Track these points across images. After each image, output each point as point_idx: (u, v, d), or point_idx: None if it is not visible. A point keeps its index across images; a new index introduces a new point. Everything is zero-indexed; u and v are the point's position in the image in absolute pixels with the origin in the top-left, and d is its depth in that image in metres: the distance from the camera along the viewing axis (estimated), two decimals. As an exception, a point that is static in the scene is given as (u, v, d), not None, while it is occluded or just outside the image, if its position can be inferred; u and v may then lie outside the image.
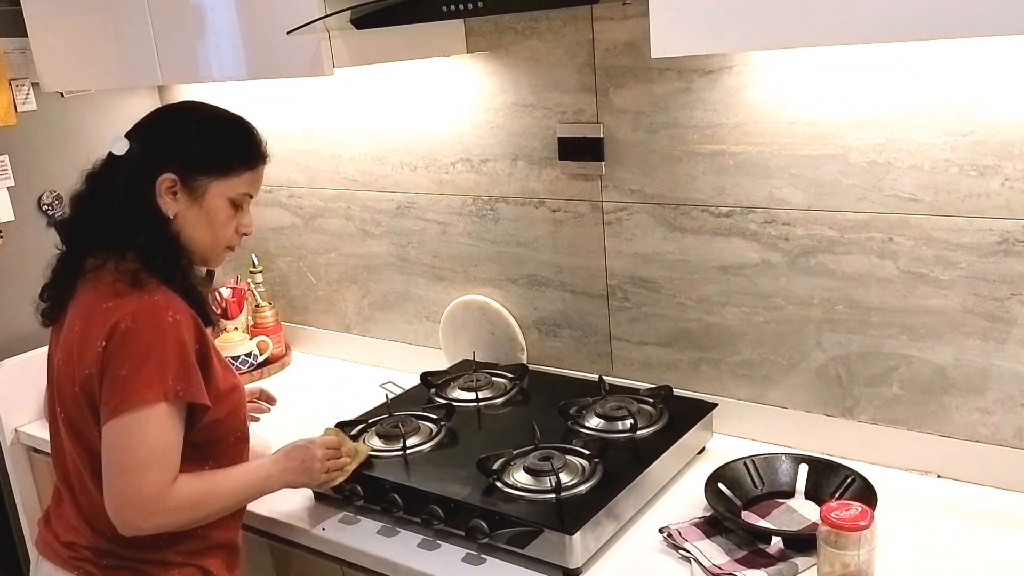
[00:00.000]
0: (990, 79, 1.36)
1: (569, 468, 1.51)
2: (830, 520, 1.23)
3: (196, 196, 1.40)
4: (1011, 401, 1.47)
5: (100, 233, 1.38)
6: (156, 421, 1.28)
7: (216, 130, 1.44)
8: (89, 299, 1.35)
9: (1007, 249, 1.41)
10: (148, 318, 1.30)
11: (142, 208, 1.37)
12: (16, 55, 2.13)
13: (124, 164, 1.40)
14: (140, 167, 1.38)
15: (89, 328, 1.32)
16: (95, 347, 1.29)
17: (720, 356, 1.74)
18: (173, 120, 1.47)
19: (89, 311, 1.34)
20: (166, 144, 1.40)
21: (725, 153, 1.63)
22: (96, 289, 1.35)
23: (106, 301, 1.32)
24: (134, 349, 1.28)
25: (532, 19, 1.79)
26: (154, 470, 1.28)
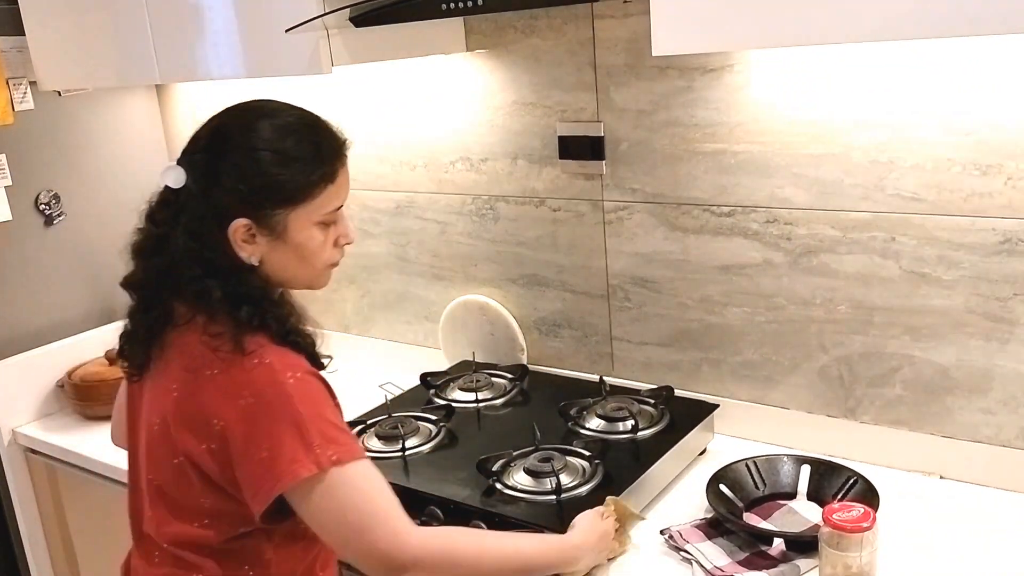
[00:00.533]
0: (993, 78, 1.35)
1: (569, 469, 1.50)
2: (832, 521, 1.23)
3: (277, 232, 1.19)
4: (1014, 401, 1.46)
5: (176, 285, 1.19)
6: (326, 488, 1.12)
7: (284, 151, 1.19)
8: (187, 361, 1.19)
9: (1010, 249, 1.40)
10: (268, 387, 1.14)
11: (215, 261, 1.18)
12: (13, 54, 2.12)
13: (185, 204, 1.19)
14: (203, 213, 1.18)
15: (193, 397, 1.17)
16: (210, 423, 1.15)
17: (721, 356, 1.74)
18: (236, 142, 1.19)
19: (191, 375, 1.18)
20: (229, 183, 1.17)
21: (726, 152, 1.62)
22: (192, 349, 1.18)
23: (210, 367, 1.16)
24: (266, 426, 1.12)
25: (532, 17, 1.78)
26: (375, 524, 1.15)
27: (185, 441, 1.17)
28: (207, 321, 1.18)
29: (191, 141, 1.23)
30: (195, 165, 1.20)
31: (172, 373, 1.20)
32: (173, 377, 1.20)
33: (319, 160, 1.21)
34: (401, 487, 1.51)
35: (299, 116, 1.24)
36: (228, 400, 1.14)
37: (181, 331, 1.20)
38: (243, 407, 1.13)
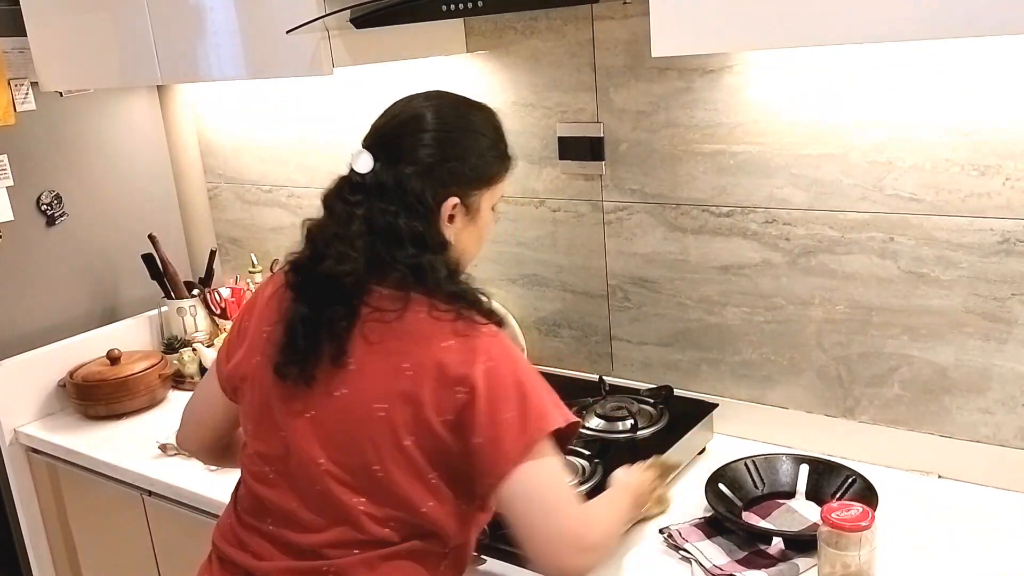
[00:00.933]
0: (992, 79, 1.36)
1: (569, 468, 1.50)
2: (831, 520, 1.23)
3: (472, 213, 1.26)
4: (1012, 401, 1.47)
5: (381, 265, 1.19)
6: (551, 453, 1.16)
7: (483, 135, 1.26)
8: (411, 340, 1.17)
9: (1008, 249, 1.41)
10: (504, 353, 1.17)
11: (431, 237, 1.21)
12: (15, 54, 2.12)
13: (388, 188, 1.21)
14: (416, 192, 1.20)
15: (428, 374, 1.15)
16: (449, 393, 1.15)
17: (720, 356, 1.74)
18: (435, 128, 1.24)
19: (420, 354, 1.16)
20: (442, 163, 1.22)
21: (726, 153, 1.62)
22: (417, 330, 1.18)
23: (444, 340, 1.16)
24: (508, 390, 1.15)
25: (532, 18, 1.78)
26: (570, 503, 1.18)
27: (428, 419, 1.15)
28: (430, 299, 1.18)
29: (382, 127, 1.28)
30: (399, 148, 1.23)
31: (400, 354, 1.17)
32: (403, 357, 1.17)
33: (507, 148, 1.30)
34: (401, 486, 1.52)
35: (489, 108, 1.32)
36: (469, 367, 1.14)
37: (401, 314, 1.18)
38: (484, 371, 1.14)
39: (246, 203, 2.43)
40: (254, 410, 1.27)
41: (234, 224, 2.49)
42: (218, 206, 2.51)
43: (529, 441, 1.13)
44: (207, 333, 2.35)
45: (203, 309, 2.37)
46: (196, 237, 2.57)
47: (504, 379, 1.15)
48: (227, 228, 2.51)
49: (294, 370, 1.21)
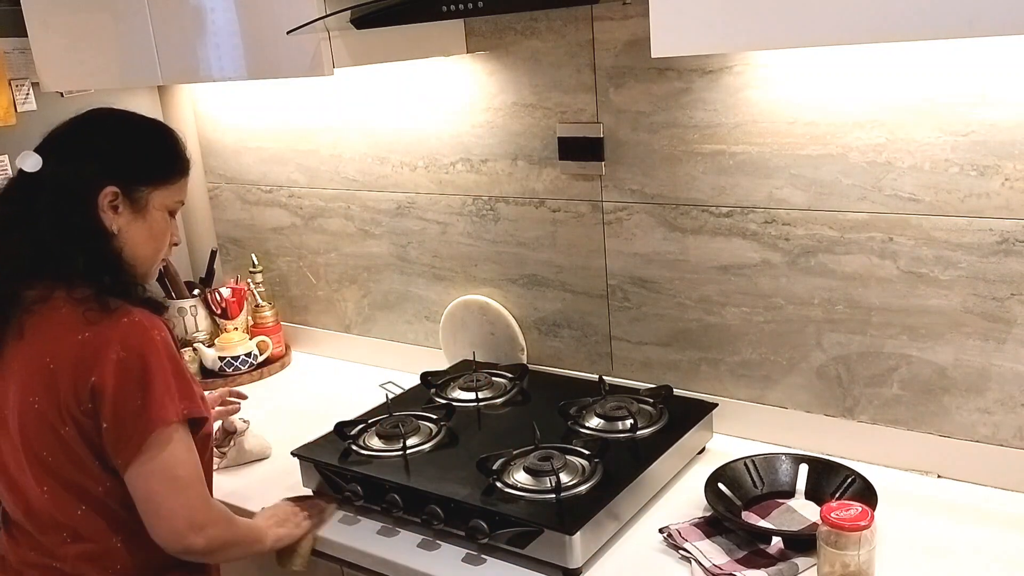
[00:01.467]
0: (990, 79, 1.36)
1: (569, 468, 1.51)
2: (830, 520, 1.23)
3: (139, 208, 1.34)
4: (1011, 401, 1.47)
5: (34, 261, 1.29)
6: (179, 439, 1.28)
7: (151, 137, 1.39)
8: (51, 333, 1.27)
9: (1007, 249, 1.41)
10: (137, 341, 1.26)
11: (80, 227, 1.29)
12: (16, 55, 2.13)
13: (47, 182, 1.30)
14: (72, 183, 1.30)
15: (65, 364, 1.25)
16: (84, 381, 1.24)
17: (720, 356, 1.74)
18: (102, 129, 1.37)
19: (56, 346, 1.26)
20: (101, 155, 1.32)
21: (725, 153, 1.63)
22: (57, 322, 1.27)
23: (79, 332, 1.25)
24: (136, 377, 1.25)
25: (532, 19, 1.79)
26: (195, 486, 1.30)
27: (69, 408, 1.26)
28: (67, 290, 1.27)
29: (51, 135, 1.36)
30: (61, 151, 1.33)
31: (37, 350, 1.27)
32: (41, 353, 1.27)
33: (179, 156, 1.40)
34: (402, 486, 1.53)
35: (158, 122, 1.45)
36: (98, 356, 1.24)
37: (36, 313, 1.28)
38: (115, 359, 1.24)
39: (246, 203, 2.44)
40: None
41: (234, 224, 2.49)
42: (218, 206, 2.51)
43: (149, 429, 1.25)
44: (208, 333, 2.36)
45: (204, 309, 2.38)
46: (196, 237, 2.57)
47: (131, 371, 1.24)
48: (227, 228, 2.52)
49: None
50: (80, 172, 1.31)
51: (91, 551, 1.32)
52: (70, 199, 1.30)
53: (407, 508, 1.51)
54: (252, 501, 1.67)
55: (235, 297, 2.36)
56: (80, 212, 1.30)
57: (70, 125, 1.37)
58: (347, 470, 1.59)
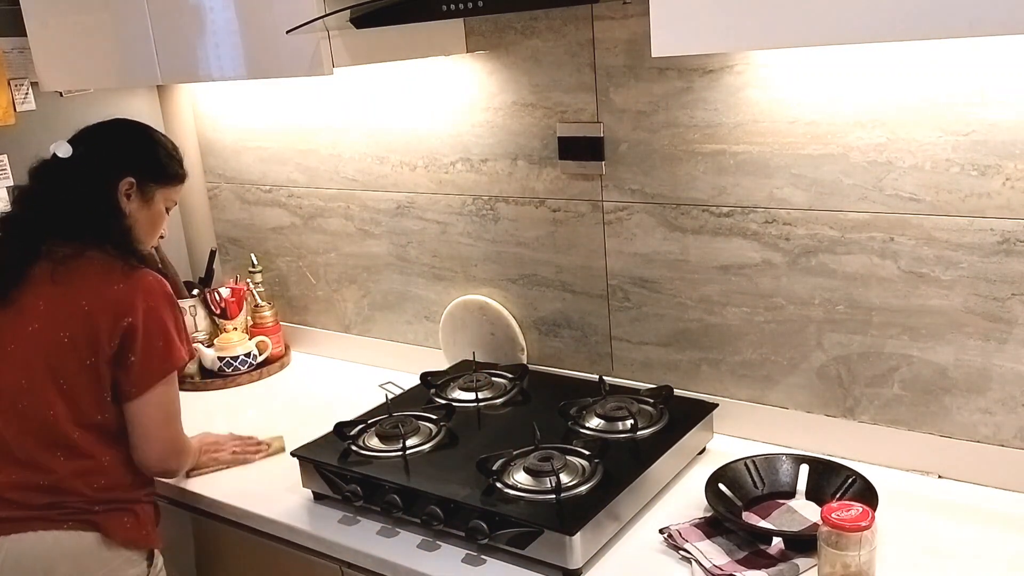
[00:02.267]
0: (991, 79, 1.36)
1: (569, 468, 1.50)
2: (831, 520, 1.23)
3: (146, 200, 1.65)
4: (1012, 401, 1.47)
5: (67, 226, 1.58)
6: (175, 379, 1.62)
7: (162, 147, 1.70)
8: (87, 282, 1.54)
9: (1008, 249, 1.41)
10: (160, 296, 1.58)
11: (106, 204, 1.60)
12: (15, 54, 2.13)
13: (77, 167, 1.61)
14: (102, 170, 1.61)
15: (103, 306, 1.53)
16: (119, 322, 1.52)
17: (720, 356, 1.74)
18: (127, 134, 1.70)
19: (94, 292, 1.53)
20: (126, 153, 1.65)
21: (726, 153, 1.62)
22: (90, 273, 1.55)
23: (115, 283, 1.54)
24: (160, 324, 1.56)
25: (532, 18, 1.79)
26: (179, 419, 1.64)
27: (101, 345, 1.53)
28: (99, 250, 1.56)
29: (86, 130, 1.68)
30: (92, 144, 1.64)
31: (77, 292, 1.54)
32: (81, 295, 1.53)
33: (181, 165, 1.73)
34: (401, 486, 1.52)
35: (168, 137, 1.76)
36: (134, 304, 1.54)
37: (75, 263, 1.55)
38: (145, 309, 1.54)
39: (246, 203, 2.44)
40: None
41: (234, 224, 2.49)
42: (218, 206, 2.51)
43: (168, 368, 1.58)
44: (207, 333, 2.35)
45: (203, 309, 2.37)
46: (196, 237, 2.57)
47: (156, 318, 1.56)
48: (227, 228, 2.52)
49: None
50: (107, 161, 1.63)
51: (81, 467, 1.55)
52: (98, 180, 1.61)
53: (407, 508, 1.51)
54: (252, 500, 1.67)
55: (234, 297, 2.36)
56: (104, 192, 1.60)
57: (99, 125, 1.69)
58: (347, 470, 1.59)
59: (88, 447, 1.56)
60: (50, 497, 1.53)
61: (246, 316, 2.39)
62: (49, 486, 1.53)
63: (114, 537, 1.56)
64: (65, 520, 1.53)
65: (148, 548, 1.63)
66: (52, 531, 1.52)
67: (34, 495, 1.53)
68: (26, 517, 1.52)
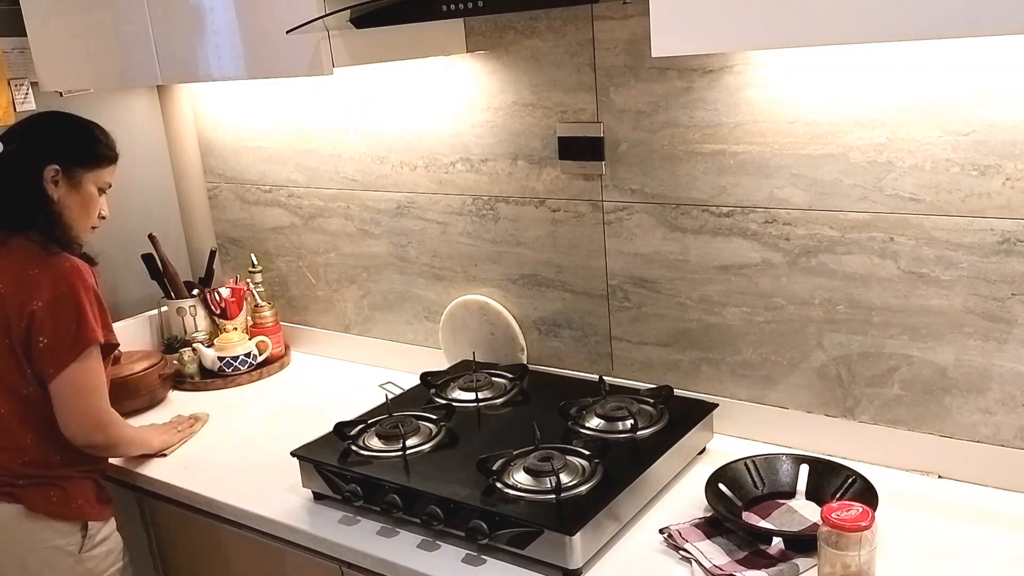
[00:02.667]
0: (991, 79, 1.36)
1: (569, 468, 1.51)
2: (831, 520, 1.23)
3: (74, 184, 1.73)
4: (1012, 401, 1.47)
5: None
6: (95, 358, 1.68)
7: (86, 132, 1.78)
8: (5, 265, 1.66)
9: (1008, 249, 1.41)
10: (74, 280, 1.65)
11: (34, 193, 1.70)
12: (15, 54, 2.13)
13: (6, 160, 1.72)
14: (27, 161, 1.70)
15: (18, 289, 1.63)
16: (30, 306, 1.62)
17: (721, 356, 1.74)
18: (51, 124, 1.78)
19: (12, 275, 1.65)
20: (48, 143, 1.73)
21: (726, 153, 1.62)
22: (11, 259, 1.66)
23: (31, 268, 1.64)
24: (71, 306, 1.64)
25: (532, 18, 1.79)
26: (100, 395, 1.71)
27: (18, 326, 1.63)
28: (24, 236, 1.67)
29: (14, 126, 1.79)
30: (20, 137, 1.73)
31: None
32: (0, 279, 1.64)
33: (109, 147, 1.80)
34: (401, 486, 1.52)
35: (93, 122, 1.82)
36: (44, 287, 1.63)
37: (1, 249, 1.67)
38: (58, 291, 1.63)
39: (246, 203, 2.44)
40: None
41: (234, 224, 2.49)
42: (218, 206, 2.51)
43: (79, 347, 1.64)
44: (207, 333, 2.35)
45: (203, 309, 2.37)
46: (196, 237, 2.57)
47: (66, 301, 1.64)
48: (227, 228, 2.52)
49: None
50: (32, 151, 1.71)
51: (5, 442, 1.66)
52: (23, 171, 1.70)
53: (407, 508, 1.51)
54: (252, 500, 1.67)
55: (234, 297, 2.36)
56: (30, 181, 1.70)
57: (27, 120, 1.79)
58: (347, 470, 1.59)
59: (12, 425, 1.67)
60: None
61: (246, 316, 2.39)
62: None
63: (36, 509, 1.65)
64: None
65: (80, 520, 1.69)
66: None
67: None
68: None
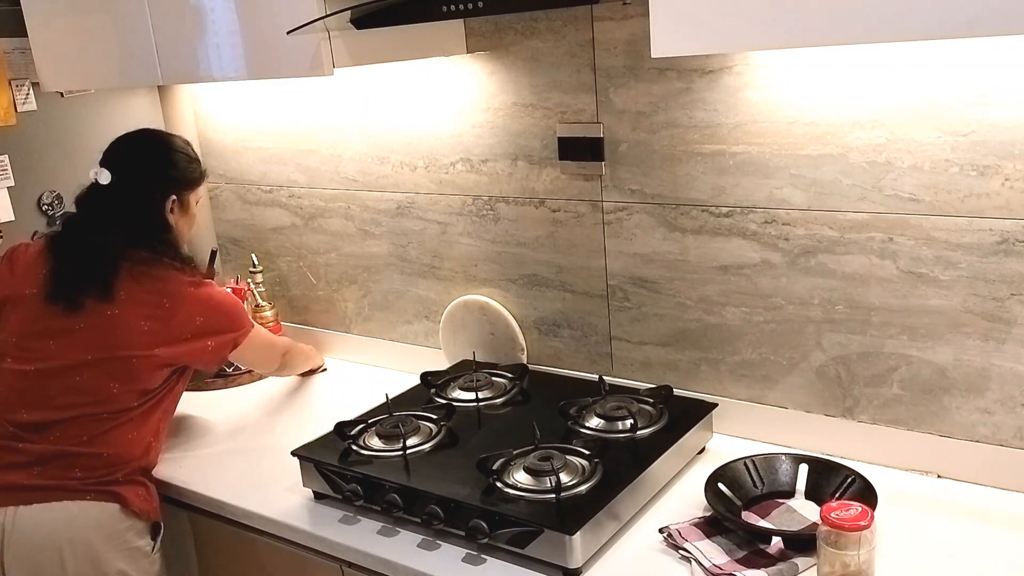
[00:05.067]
0: (990, 79, 1.36)
1: (569, 468, 1.51)
2: (830, 520, 1.23)
3: (184, 207, 1.87)
4: (1011, 401, 1.47)
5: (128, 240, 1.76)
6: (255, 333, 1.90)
7: (185, 154, 1.89)
8: (165, 284, 1.76)
9: (1007, 249, 1.41)
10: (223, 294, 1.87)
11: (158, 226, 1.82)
12: (16, 55, 2.13)
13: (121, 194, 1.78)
14: (145, 194, 1.81)
15: (182, 306, 1.76)
16: (192, 320, 1.76)
17: (720, 356, 1.74)
18: (158, 151, 1.86)
19: (173, 294, 1.76)
20: (162, 174, 1.84)
21: (725, 153, 1.63)
22: (168, 278, 1.77)
23: (188, 287, 1.78)
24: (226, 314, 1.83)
25: (532, 19, 1.79)
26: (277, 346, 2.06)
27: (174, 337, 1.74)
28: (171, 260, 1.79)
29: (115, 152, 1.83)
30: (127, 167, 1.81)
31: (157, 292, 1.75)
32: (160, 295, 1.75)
33: (200, 166, 1.93)
34: (402, 486, 1.53)
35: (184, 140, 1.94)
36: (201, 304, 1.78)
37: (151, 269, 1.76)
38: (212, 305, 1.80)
39: (246, 203, 2.44)
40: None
41: (234, 224, 2.49)
42: (218, 206, 2.51)
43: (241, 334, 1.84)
44: (207, 333, 2.35)
45: (204, 309, 2.37)
46: (197, 237, 2.57)
47: (222, 309, 1.82)
48: (227, 228, 2.52)
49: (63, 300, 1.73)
50: (148, 185, 1.82)
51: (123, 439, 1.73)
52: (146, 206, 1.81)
53: (407, 508, 1.51)
54: (252, 500, 1.67)
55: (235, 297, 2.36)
56: (152, 216, 1.82)
57: (131, 144, 1.86)
58: (347, 470, 1.60)
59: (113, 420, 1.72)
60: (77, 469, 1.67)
61: (246, 316, 2.39)
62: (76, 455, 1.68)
63: (132, 507, 1.69)
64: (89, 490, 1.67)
65: (154, 521, 1.76)
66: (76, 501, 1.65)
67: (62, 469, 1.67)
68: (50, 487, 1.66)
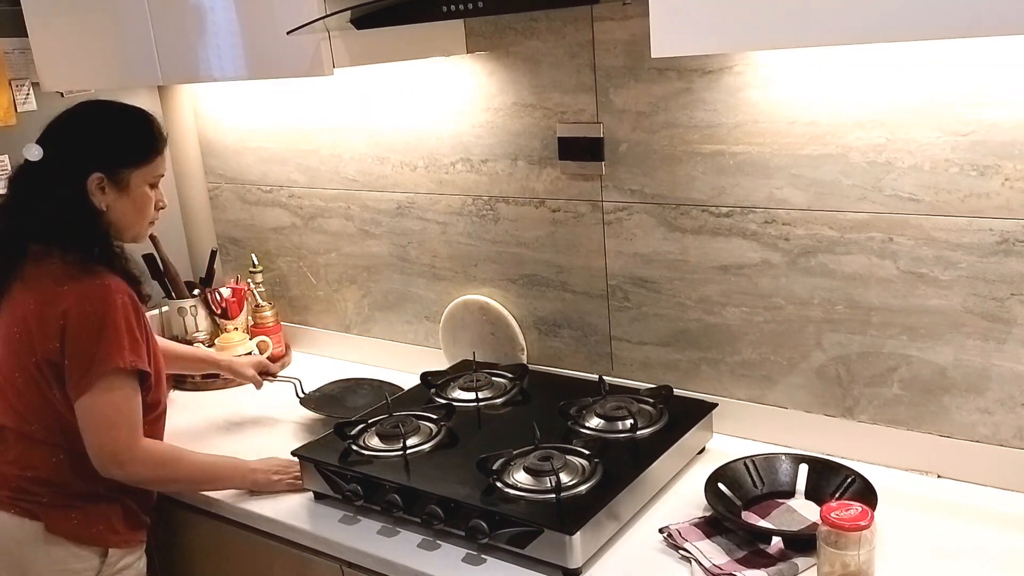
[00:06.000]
0: (990, 79, 1.36)
1: (569, 468, 1.51)
2: (830, 520, 1.23)
3: (122, 188, 1.60)
4: (1011, 401, 1.47)
5: (40, 230, 1.57)
6: (120, 386, 1.54)
7: (127, 125, 1.63)
8: (42, 282, 1.55)
9: (1007, 249, 1.41)
10: (100, 299, 1.52)
11: (76, 206, 1.56)
12: (16, 55, 2.13)
13: (47, 168, 1.58)
14: (66, 171, 1.56)
15: (47, 307, 1.53)
16: (55, 324, 1.51)
17: (720, 356, 1.74)
18: (87, 122, 1.62)
19: (44, 292, 1.54)
20: (87, 147, 1.58)
21: (725, 153, 1.63)
22: (47, 274, 1.55)
23: (61, 284, 1.53)
24: (94, 327, 1.51)
25: (532, 19, 1.79)
26: (124, 428, 1.55)
27: (43, 344, 1.53)
28: (63, 252, 1.54)
29: (49, 126, 1.61)
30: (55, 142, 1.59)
31: (29, 293, 1.56)
32: (30, 296, 1.55)
33: (154, 137, 1.63)
34: (402, 486, 1.53)
35: (135, 108, 1.66)
36: (67, 305, 1.51)
37: (37, 265, 1.56)
38: (78, 311, 1.51)
39: (246, 203, 2.44)
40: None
41: (234, 224, 2.50)
42: (219, 206, 2.51)
43: (98, 372, 1.51)
44: (208, 333, 2.36)
45: (204, 309, 2.38)
46: (196, 237, 2.58)
47: (91, 321, 1.51)
48: (227, 228, 2.52)
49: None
50: (71, 161, 1.57)
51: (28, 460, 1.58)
52: (64, 184, 1.56)
53: (407, 508, 1.51)
54: (252, 500, 1.67)
55: (235, 297, 2.36)
56: (72, 194, 1.56)
57: (62, 118, 1.62)
58: (347, 470, 1.60)
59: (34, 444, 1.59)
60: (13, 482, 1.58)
61: (247, 316, 2.39)
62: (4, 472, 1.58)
63: (56, 531, 1.57)
64: (14, 504, 1.57)
65: (99, 546, 1.60)
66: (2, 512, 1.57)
67: None
68: None
